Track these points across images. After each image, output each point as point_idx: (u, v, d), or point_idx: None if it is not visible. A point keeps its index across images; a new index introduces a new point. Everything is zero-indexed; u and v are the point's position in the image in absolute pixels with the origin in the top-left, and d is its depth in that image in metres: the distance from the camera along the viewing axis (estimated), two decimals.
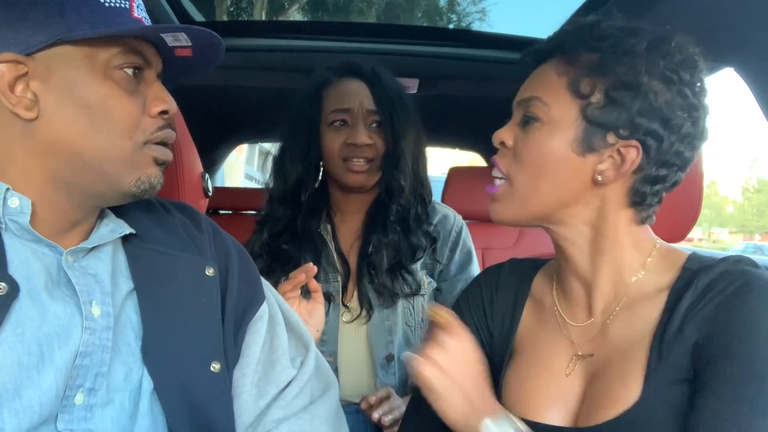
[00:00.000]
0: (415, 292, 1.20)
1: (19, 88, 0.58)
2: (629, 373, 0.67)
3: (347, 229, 1.26)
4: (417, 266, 1.22)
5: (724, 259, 0.68)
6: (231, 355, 0.70)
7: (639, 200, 0.71)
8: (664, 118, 0.66)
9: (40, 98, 0.59)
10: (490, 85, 1.68)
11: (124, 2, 0.62)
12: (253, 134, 2.95)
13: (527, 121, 0.72)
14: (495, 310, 0.86)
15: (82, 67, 0.60)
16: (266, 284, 0.80)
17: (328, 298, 1.18)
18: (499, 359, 0.84)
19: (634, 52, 0.67)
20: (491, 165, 0.84)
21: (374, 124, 1.19)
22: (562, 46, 0.71)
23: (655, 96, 0.66)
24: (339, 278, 1.21)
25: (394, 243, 1.19)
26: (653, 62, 0.66)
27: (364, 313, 1.19)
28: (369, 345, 1.19)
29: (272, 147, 1.35)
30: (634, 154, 0.67)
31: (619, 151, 0.68)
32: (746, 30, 1.00)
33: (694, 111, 0.68)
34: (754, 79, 1.03)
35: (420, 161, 1.23)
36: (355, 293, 1.21)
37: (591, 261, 0.74)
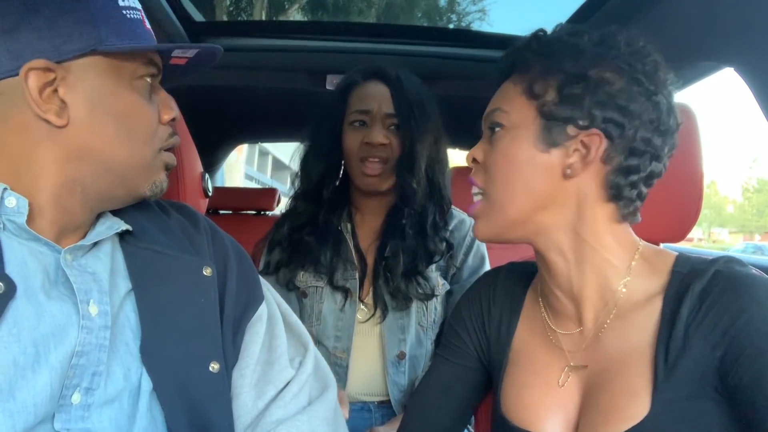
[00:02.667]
0: (429, 297, 1.21)
1: (47, 94, 0.59)
2: (634, 386, 0.66)
3: (366, 228, 1.28)
4: (432, 269, 1.24)
5: (714, 261, 0.68)
6: (230, 356, 0.70)
7: (616, 193, 0.70)
8: (621, 106, 0.68)
9: (70, 106, 0.60)
10: (491, 85, 1.68)
11: (137, 14, 0.65)
12: (253, 134, 2.96)
13: (492, 130, 0.74)
14: (492, 317, 0.86)
15: (111, 77, 0.62)
16: (265, 284, 0.80)
17: (345, 293, 1.21)
18: (497, 366, 0.84)
19: (579, 48, 0.69)
20: None
21: (392, 126, 1.20)
22: (516, 61, 0.74)
23: (608, 85, 0.68)
24: (356, 275, 1.23)
25: (410, 248, 1.21)
26: (600, 54, 0.69)
27: (378, 312, 1.21)
28: (381, 342, 1.20)
29: (272, 147, 1.36)
30: (597, 142, 0.68)
31: (582, 142, 0.69)
32: (746, 30, 1.00)
33: (653, 96, 0.69)
34: (754, 79, 1.03)
35: (437, 166, 1.24)
36: (371, 291, 1.22)
37: (576, 271, 0.73)
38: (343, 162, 1.25)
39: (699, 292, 0.65)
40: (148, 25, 0.66)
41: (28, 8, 0.58)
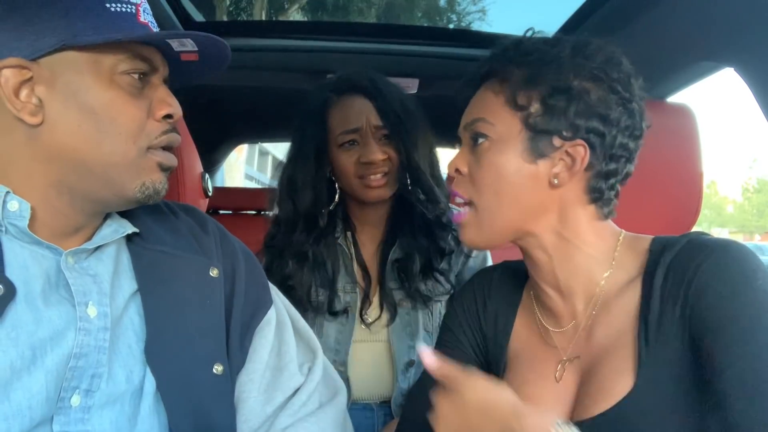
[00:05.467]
0: (449, 291, 1.20)
1: (24, 93, 0.58)
2: (620, 367, 0.68)
3: (368, 238, 1.25)
4: (450, 267, 1.22)
5: (686, 235, 0.71)
6: (236, 359, 0.70)
7: (598, 196, 0.73)
8: (601, 115, 0.70)
9: (45, 103, 0.59)
10: None
11: (130, 7, 0.62)
12: (253, 134, 2.95)
13: (476, 141, 0.74)
14: (488, 315, 0.87)
15: (87, 73, 0.60)
16: (274, 289, 0.80)
17: (345, 311, 1.18)
18: (495, 364, 0.85)
19: (560, 58, 0.71)
20: None
21: (384, 138, 1.17)
22: (493, 69, 0.75)
23: (588, 95, 0.69)
24: (358, 290, 1.20)
25: (423, 247, 1.19)
26: (579, 65, 0.70)
27: (385, 316, 1.19)
28: (390, 350, 1.19)
29: (272, 147, 1.35)
30: (582, 152, 0.70)
31: (567, 152, 0.71)
32: (746, 30, 0.99)
33: (628, 103, 0.71)
34: (754, 79, 1.03)
35: (434, 164, 1.23)
36: (377, 297, 1.20)
37: (561, 268, 0.75)
38: (335, 181, 1.21)
39: (669, 262, 0.67)
40: (144, 19, 0.63)
41: (5, 7, 0.58)
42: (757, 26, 0.97)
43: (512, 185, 0.72)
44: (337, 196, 1.26)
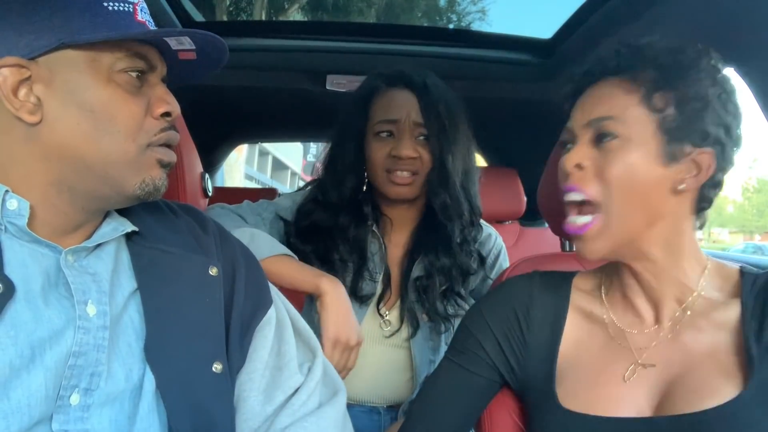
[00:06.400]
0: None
1: (23, 92, 0.58)
2: (726, 371, 0.69)
3: (394, 238, 1.23)
4: (468, 287, 1.21)
5: None
6: (235, 358, 0.70)
7: (706, 206, 0.75)
8: (727, 126, 0.71)
9: (44, 102, 0.59)
10: (490, 85, 1.68)
11: (127, 6, 0.62)
12: (253, 134, 2.95)
13: (602, 139, 0.72)
14: (532, 323, 0.84)
15: (85, 71, 0.60)
16: (274, 289, 0.80)
17: (360, 300, 1.16)
18: (540, 369, 0.83)
19: (698, 64, 0.71)
20: (491, 165, 0.83)
21: (421, 137, 1.14)
22: (623, 66, 0.73)
23: (717, 105, 0.70)
24: (378, 286, 1.19)
25: (445, 268, 1.17)
26: (710, 73, 0.71)
27: (406, 329, 1.18)
28: (411, 362, 1.18)
29: (272, 147, 1.34)
30: (708, 161, 0.71)
31: (694, 160, 0.71)
32: (746, 30, 1.00)
33: (740, 118, 0.73)
34: (754, 79, 1.03)
35: (470, 176, 1.19)
36: (397, 308, 1.19)
37: (660, 279, 0.75)
38: (365, 171, 1.20)
39: None
40: (141, 18, 0.63)
41: (2, 6, 0.58)
42: (757, 26, 0.97)
43: (642, 186, 0.71)
44: (365, 187, 1.24)
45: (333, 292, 1.00)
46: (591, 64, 0.77)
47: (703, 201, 0.74)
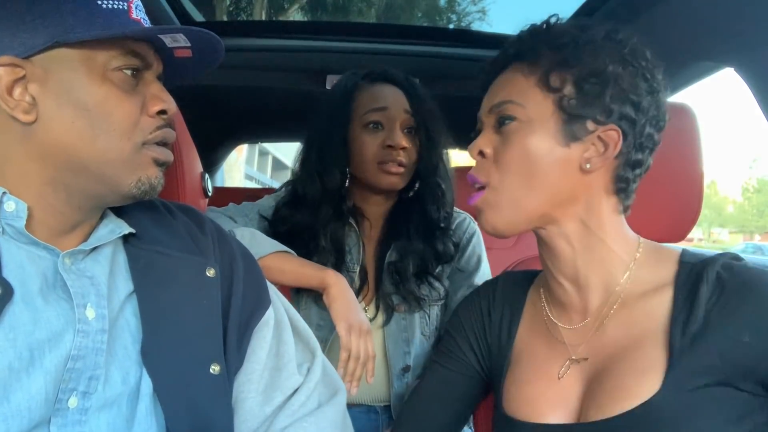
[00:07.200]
0: (443, 297, 1.20)
1: (18, 91, 0.58)
2: (644, 366, 0.67)
3: (368, 232, 1.25)
4: (443, 271, 1.22)
5: (722, 254, 0.71)
6: (233, 359, 0.70)
7: (624, 186, 0.72)
8: (634, 102, 0.69)
9: (39, 101, 0.59)
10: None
11: (122, 3, 0.61)
12: (253, 134, 2.95)
13: (503, 123, 0.73)
14: (492, 324, 0.86)
15: (80, 70, 0.59)
16: (272, 289, 0.79)
17: None
18: (497, 369, 0.84)
19: (593, 42, 0.70)
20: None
21: (407, 130, 1.16)
22: (522, 50, 0.74)
23: (622, 80, 0.69)
24: (355, 279, 1.20)
25: (418, 250, 1.19)
26: (612, 50, 0.70)
27: (381, 315, 1.18)
28: (386, 356, 1.18)
29: (272, 147, 1.34)
30: (615, 138, 0.69)
31: (599, 137, 0.70)
32: (746, 30, 0.99)
33: (656, 93, 0.71)
34: (754, 79, 1.03)
35: (447, 168, 1.23)
36: (374, 301, 1.20)
37: (582, 259, 0.74)
38: (348, 166, 1.20)
39: (715, 279, 0.66)
40: (136, 15, 0.62)
41: (2, 6, 0.58)
42: (757, 26, 0.97)
43: (542, 167, 0.70)
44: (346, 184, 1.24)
45: (338, 283, 1.03)
46: (498, 53, 0.77)
47: (620, 181, 0.72)
